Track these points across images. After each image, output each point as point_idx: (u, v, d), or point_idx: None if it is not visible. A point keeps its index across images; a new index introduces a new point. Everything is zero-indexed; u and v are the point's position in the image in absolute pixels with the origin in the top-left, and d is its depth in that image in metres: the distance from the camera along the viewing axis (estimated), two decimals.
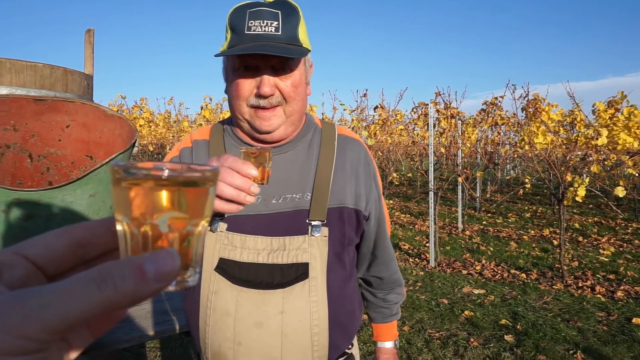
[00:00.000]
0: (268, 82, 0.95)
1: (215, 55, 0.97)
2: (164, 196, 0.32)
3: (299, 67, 0.99)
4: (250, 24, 0.93)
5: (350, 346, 1.15)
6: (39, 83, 1.34)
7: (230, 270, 1.00)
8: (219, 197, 0.74)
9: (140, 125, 11.60)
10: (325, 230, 1.01)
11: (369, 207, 1.10)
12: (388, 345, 1.28)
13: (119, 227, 0.33)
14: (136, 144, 1.15)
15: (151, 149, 12.77)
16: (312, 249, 0.99)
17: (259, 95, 0.96)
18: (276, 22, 0.94)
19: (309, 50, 1.00)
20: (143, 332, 1.78)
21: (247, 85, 0.97)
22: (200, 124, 10.99)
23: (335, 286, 1.03)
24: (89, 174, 0.92)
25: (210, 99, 9.76)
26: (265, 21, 0.93)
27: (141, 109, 11.55)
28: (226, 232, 1.01)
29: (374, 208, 1.11)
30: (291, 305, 0.97)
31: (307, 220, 1.01)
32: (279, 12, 0.95)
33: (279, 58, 0.94)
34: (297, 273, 0.98)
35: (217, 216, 1.03)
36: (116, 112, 1.08)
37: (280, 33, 0.94)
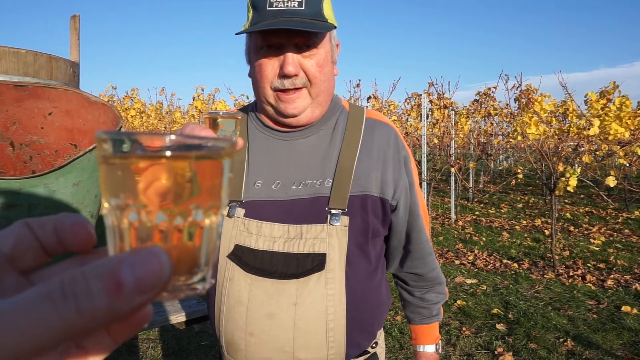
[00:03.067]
0: (292, 60, 0.90)
1: (236, 34, 0.93)
2: (162, 174, 0.25)
3: (324, 45, 0.94)
4: (272, 0, 0.89)
5: (374, 344, 1.08)
6: (22, 70, 1.31)
7: (245, 257, 0.96)
8: None
9: (132, 116, 11.49)
10: (345, 220, 0.95)
11: (397, 195, 1.01)
12: (429, 349, 1.15)
13: (105, 215, 0.27)
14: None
15: None
16: (330, 238, 0.94)
17: (283, 76, 0.91)
18: None
19: (335, 27, 0.95)
20: None
21: (270, 66, 0.93)
22: (193, 115, 10.89)
23: (356, 280, 0.98)
24: (71, 162, 0.90)
25: (202, 90, 9.67)
26: None
27: (132, 100, 11.43)
28: (243, 218, 0.97)
29: (403, 197, 1.02)
30: (305, 298, 0.93)
31: (326, 208, 0.96)
32: None
33: (303, 34, 0.89)
34: (313, 264, 0.93)
35: (233, 201, 0.99)
36: (100, 98, 1.05)
37: (304, 8, 0.89)
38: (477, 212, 8.12)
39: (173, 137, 0.25)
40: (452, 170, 6.34)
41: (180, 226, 0.26)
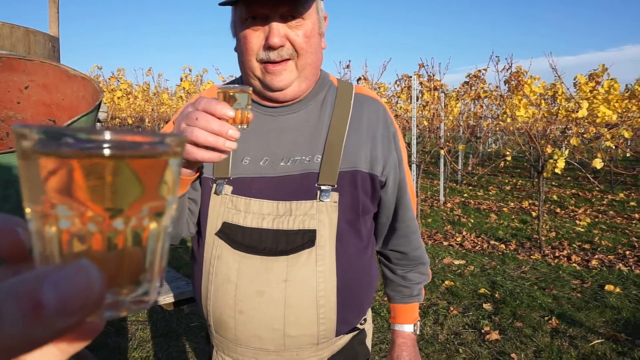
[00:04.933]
0: (277, 31, 0.88)
1: (220, 4, 0.89)
2: (94, 174, 0.22)
3: (310, 15, 0.91)
4: None
5: (362, 321, 1.09)
6: None
7: (233, 235, 0.95)
8: (196, 144, 0.68)
9: (118, 98, 11.28)
10: (335, 196, 0.95)
11: (387, 171, 1.01)
12: (407, 329, 1.15)
13: (29, 221, 0.23)
14: (102, 109, 1.08)
15: (130, 122, 12.47)
16: (320, 215, 0.94)
17: (269, 47, 0.89)
18: None
19: None
20: None
21: (255, 38, 0.90)
22: (181, 97, 10.72)
23: (347, 257, 0.97)
24: None
25: (190, 70, 9.51)
26: None
27: (118, 80, 11.21)
28: (231, 195, 0.96)
29: (392, 173, 1.02)
30: (296, 274, 0.92)
31: (316, 184, 0.95)
32: None
33: (289, 4, 0.87)
34: (303, 240, 0.93)
35: (220, 178, 0.97)
36: (79, 72, 1.01)
37: None
38: (465, 195, 8.19)
39: (109, 133, 0.22)
40: (442, 152, 6.36)
41: (118, 232, 0.23)
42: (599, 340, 2.92)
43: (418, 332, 1.18)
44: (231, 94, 0.72)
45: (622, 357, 2.71)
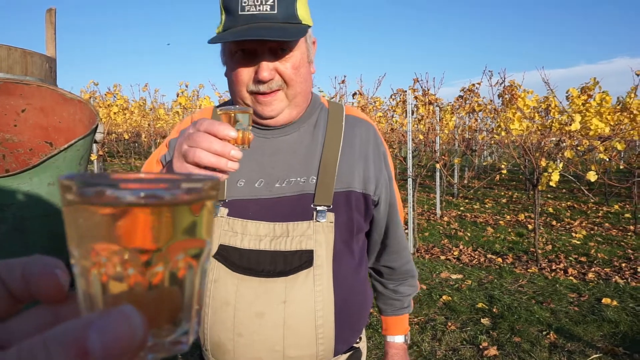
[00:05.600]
0: (266, 67, 0.90)
1: (209, 42, 0.91)
2: (136, 221, 0.23)
3: (299, 47, 0.94)
4: (243, 4, 0.88)
5: (358, 340, 1.10)
6: None
7: (231, 257, 0.95)
8: (198, 165, 0.68)
9: (115, 113, 11.31)
10: (331, 216, 0.96)
11: (379, 191, 1.03)
12: (398, 339, 1.20)
13: (73, 265, 0.24)
14: (99, 130, 1.09)
15: (126, 137, 12.47)
16: (317, 235, 0.95)
17: (258, 81, 0.91)
18: (271, 0, 0.88)
19: (309, 27, 0.94)
20: None
21: (245, 72, 0.92)
22: (177, 112, 10.75)
23: (342, 276, 0.98)
24: (45, 160, 0.87)
25: (186, 86, 9.56)
26: None
27: (115, 96, 11.24)
28: (227, 218, 0.96)
29: (384, 192, 1.05)
30: (294, 295, 0.93)
31: (312, 205, 0.96)
32: None
33: (276, 40, 0.89)
34: (301, 261, 0.93)
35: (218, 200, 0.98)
36: (76, 95, 1.02)
37: (276, 11, 0.88)
38: (462, 208, 8.20)
39: (146, 181, 0.23)
40: (437, 166, 6.39)
41: (159, 276, 0.24)
42: (597, 355, 2.90)
43: (409, 342, 1.23)
44: (232, 114, 0.72)
45: None
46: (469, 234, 6.15)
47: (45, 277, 0.25)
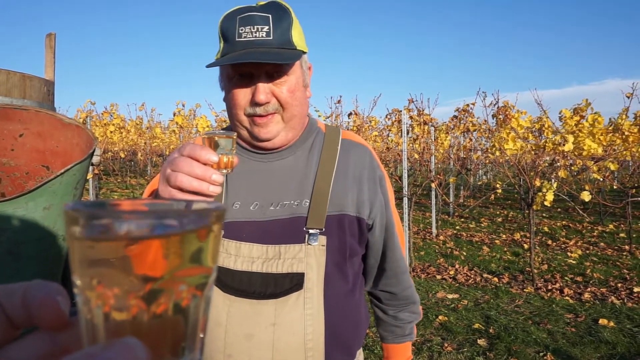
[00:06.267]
0: (263, 89, 0.92)
1: (207, 66, 0.94)
2: (141, 253, 0.23)
3: (294, 71, 0.96)
4: (240, 31, 0.91)
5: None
6: None
7: (224, 278, 0.95)
8: (180, 189, 0.69)
9: (111, 132, 11.34)
10: (323, 239, 0.97)
11: (373, 214, 1.03)
12: None
13: (75, 295, 0.24)
14: (96, 153, 1.11)
15: (122, 155, 12.48)
16: (308, 258, 0.95)
17: (255, 103, 0.93)
18: (267, 27, 0.91)
19: (304, 52, 0.98)
20: None
21: (242, 95, 0.95)
22: (174, 131, 10.79)
23: (334, 299, 0.98)
24: (41, 186, 0.87)
25: (183, 105, 9.62)
26: (255, 27, 0.91)
27: (112, 115, 11.29)
28: (222, 239, 0.97)
29: (379, 216, 1.04)
30: (284, 318, 0.93)
31: (304, 228, 0.97)
32: (270, 15, 0.92)
33: (272, 64, 0.92)
34: (291, 283, 0.94)
35: None
36: (74, 120, 1.03)
37: (271, 38, 0.91)
38: (457, 227, 8.21)
39: (152, 215, 0.23)
40: (433, 185, 6.42)
41: (162, 306, 0.23)
42: None
43: None
44: (215, 139, 0.73)
45: None
46: (464, 253, 6.14)
47: (47, 304, 0.24)
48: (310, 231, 0.96)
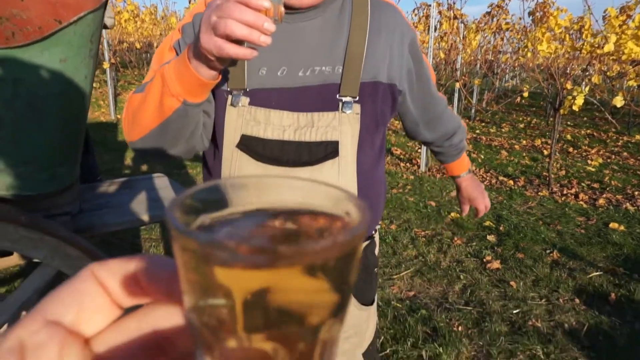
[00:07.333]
0: None
1: None
2: (284, 285, 0.17)
3: None
4: None
5: (374, 231, 1.14)
6: None
7: (254, 147, 0.94)
8: (228, 37, 0.65)
9: (125, 20, 10.95)
10: (357, 107, 0.94)
11: (405, 79, 1.03)
12: (464, 175, 1.37)
13: (187, 311, 0.19)
14: (109, 14, 1.04)
15: (138, 46, 12.17)
16: (342, 126, 0.93)
17: None
18: None
19: None
20: (135, 216, 1.79)
21: None
22: None
23: (365, 166, 1.00)
24: (54, 33, 0.83)
25: None
26: None
27: (125, 2, 10.79)
28: (249, 107, 0.93)
29: (409, 80, 1.05)
30: None
31: (337, 96, 0.94)
32: None
33: None
34: (326, 151, 0.93)
35: (236, 89, 0.94)
36: None
37: None
38: (477, 131, 8.07)
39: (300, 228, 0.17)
40: (457, 85, 6.19)
41: (293, 350, 0.18)
42: (597, 273, 3.00)
43: (472, 170, 1.33)
44: None
45: (618, 289, 2.79)
46: (482, 156, 6.11)
47: (157, 274, 0.22)
48: (344, 99, 0.94)
